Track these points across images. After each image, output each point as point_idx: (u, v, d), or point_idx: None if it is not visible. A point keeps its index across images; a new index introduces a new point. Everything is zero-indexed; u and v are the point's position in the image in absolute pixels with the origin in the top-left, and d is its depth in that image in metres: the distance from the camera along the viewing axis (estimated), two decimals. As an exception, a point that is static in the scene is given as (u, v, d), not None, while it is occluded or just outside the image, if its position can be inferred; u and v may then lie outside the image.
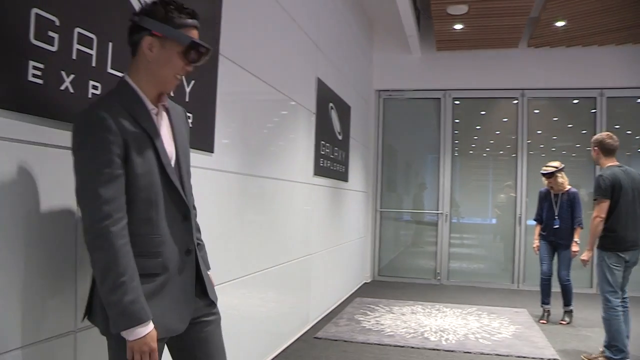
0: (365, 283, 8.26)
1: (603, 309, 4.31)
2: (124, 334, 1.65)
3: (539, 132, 8.44)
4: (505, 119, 8.63)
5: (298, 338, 4.89)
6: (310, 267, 5.30)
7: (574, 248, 5.54)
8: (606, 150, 4.44)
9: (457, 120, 8.69)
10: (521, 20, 7.09)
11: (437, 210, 8.60)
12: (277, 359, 4.32)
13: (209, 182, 3.16)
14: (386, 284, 8.27)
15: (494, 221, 8.82)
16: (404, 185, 9.31)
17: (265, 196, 4.14)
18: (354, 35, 7.30)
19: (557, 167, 5.69)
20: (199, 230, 2.12)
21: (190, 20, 1.82)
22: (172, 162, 1.86)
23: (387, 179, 8.92)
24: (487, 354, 4.56)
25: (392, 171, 9.08)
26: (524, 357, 4.51)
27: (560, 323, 5.74)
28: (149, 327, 1.67)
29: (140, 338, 1.64)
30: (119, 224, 1.63)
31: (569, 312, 5.82)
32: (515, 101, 8.43)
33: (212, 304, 2.02)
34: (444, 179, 8.60)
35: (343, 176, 6.61)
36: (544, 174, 5.79)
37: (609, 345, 4.26)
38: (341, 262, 6.74)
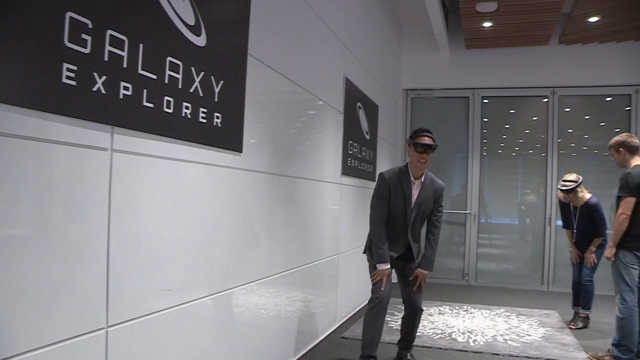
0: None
1: (619, 308, 4.29)
2: (377, 265, 3.86)
3: (570, 130, 8.28)
4: (535, 118, 8.50)
5: (325, 337, 4.90)
6: (338, 267, 5.30)
7: (589, 256, 5.53)
8: (632, 149, 4.45)
9: (485, 119, 8.59)
10: (553, 17, 6.97)
11: (466, 210, 8.52)
12: (304, 358, 4.33)
13: (238, 181, 3.18)
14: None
15: (523, 222, 8.70)
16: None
17: (293, 196, 4.15)
18: (383, 34, 7.26)
19: (576, 182, 5.49)
20: (432, 245, 4.06)
21: (420, 133, 3.79)
22: (413, 204, 3.87)
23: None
24: (516, 356, 4.50)
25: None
26: (554, 359, 4.44)
27: (570, 327, 5.60)
28: (387, 266, 3.87)
29: (383, 269, 3.86)
30: (381, 219, 3.85)
31: (583, 318, 5.66)
32: (546, 99, 8.29)
33: (413, 264, 4.09)
34: (472, 178, 8.52)
35: (371, 176, 6.58)
36: (563, 191, 5.59)
37: (618, 344, 4.27)
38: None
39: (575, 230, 5.70)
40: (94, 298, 2.00)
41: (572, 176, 5.58)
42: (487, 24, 7.33)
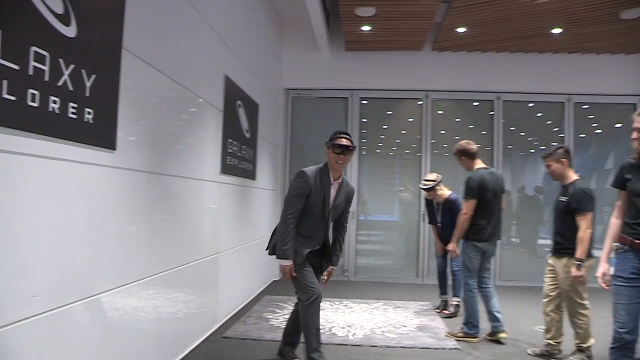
0: (274, 281, 8.25)
1: (463, 291, 5.01)
2: (279, 261, 3.76)
3: (443, 132, 8.80)
4: (410, 119, 8.92)
5: (206, 338, 4.82)
6: (219, 266, 5.23)
7: (451, 248, 5.96)
8: (471, 155, 5.07)
9: (364, 120, 8.89)
10: (425, 25, 7.38)
11: (346, 208, 8.73)
12: (185, 359, 4.24)
13: (112, 180, 3.04)
14: (295, 281, 8.28)
15: (399, 218, 9.11)
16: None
17: (172, 195, 4.05)
18: (264, 33, 7.28)
19: (435, 181, 6.04)
20: (341, 243, 4.17)
21: (338, 135, 3.92)
22: (330, 205, 3.92)
23: (296, 177, 8.94)
24: (393, 347, 4.70)
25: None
26: (427, 348, 4.69)
27: (443, 312, 6.09)
28: (289, 262, 3.74)
29: (285, 266, 3.75)
30: (292, 219, 3.75)
31: (455, 305, 6.08)
32: (420, 102, 8.75)
33: (327, 264, 4.12)
34: (351, 177, 8.74)
35: (251, 174, 6.58)
36: (423, 189, 6.12)
37: (467, 322, 4.93)
38: (249, 260, 6.70)
39: (439, 225, 6.17)
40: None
41: (432, 176, 6.15)
42: (365, 28, 7.59)
